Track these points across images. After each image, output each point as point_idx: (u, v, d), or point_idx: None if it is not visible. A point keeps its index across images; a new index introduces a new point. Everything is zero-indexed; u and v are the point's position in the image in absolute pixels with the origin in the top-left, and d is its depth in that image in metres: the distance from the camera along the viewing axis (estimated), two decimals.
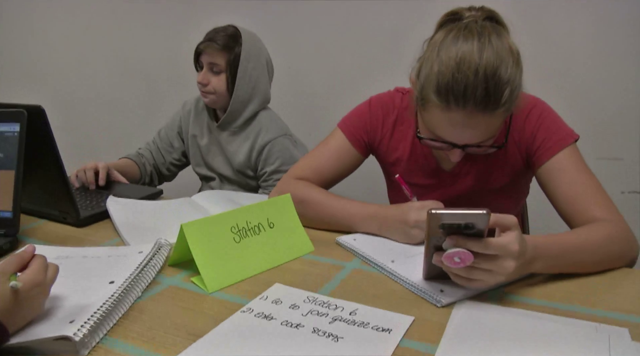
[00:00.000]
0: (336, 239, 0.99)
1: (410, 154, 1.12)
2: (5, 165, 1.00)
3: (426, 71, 0.88)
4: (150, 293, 0.79)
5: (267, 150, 1.48)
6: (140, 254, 0.85)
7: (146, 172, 1.61)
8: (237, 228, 0.87)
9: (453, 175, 1.10)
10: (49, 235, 1.05)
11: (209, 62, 1.46)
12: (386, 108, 1.14)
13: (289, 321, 0.70)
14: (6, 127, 1.00)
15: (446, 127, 0.89)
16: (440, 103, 0.85)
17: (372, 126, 1.15)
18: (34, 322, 0.66)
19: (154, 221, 1.08)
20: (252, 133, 1.51)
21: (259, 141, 1.49)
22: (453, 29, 0.87)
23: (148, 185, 1.64)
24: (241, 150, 1.51)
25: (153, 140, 1.67)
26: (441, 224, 0.70)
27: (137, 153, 1.63)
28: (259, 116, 1.52)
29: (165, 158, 1.66)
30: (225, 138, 1.54)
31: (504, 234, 0.72)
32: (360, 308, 0.73)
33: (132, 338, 0.66)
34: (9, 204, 0.99)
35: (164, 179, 1.70)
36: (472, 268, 0.71)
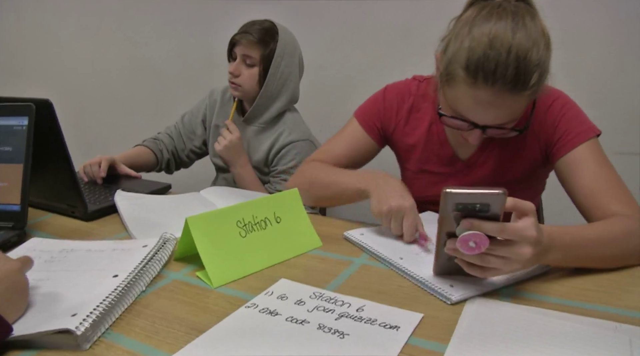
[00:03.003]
0: (344, 234, 0.97)
1: (426, 142, 1.10)
2: (13, 159, 0.99)
3: (455, 46, 0.86)
4: (154, 288, 0.78)
5: (285, 150, 1.47)
6: (145, 248, 0.84)
7: (163, 158, 1.60)
8: (243, 222, 0.86)
9: (468, 164, 1.08)
10: (57, 229, 1.05)
11: (243, 54, 1.45)
12: (401, 95, 1.13)
13: (294, 317, 0.68)
14: (15, 121, 1.00)
15: (470, 104, 0.87)
16: (468, 79, 0.84)
17: (387, 114, 1.14)
18: (36, 315, 0.66)
19: (161, 216, 1.07)
20: (275, 133, 1.49)
21: (280, 141, 1.48)
22: (486, 7, 0.86)
23: (165, 171, 1.63)
24: (262, 147, 1.50)
25: (175, 125, 1.65)
26: (456, 205, 0.68)
27: (153, 139, 1.62)
28: (285, 117, 1.51)
29: (186, 144, 1.64)
30: (248, 133, 1.53)
31: (520, 220, 0.69)
32: (368, 305, 0.71)
33: (135, 333, 0.65)
34: (17, 197, 0.98)
35: (181, 165, 1.69)
36: (487, 255, 0.69)
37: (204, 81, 2.22)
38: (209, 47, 2.27)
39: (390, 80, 1.25)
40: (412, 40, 1.88)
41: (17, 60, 2.85)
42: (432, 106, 1.09)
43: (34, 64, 2.80)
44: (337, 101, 2.07)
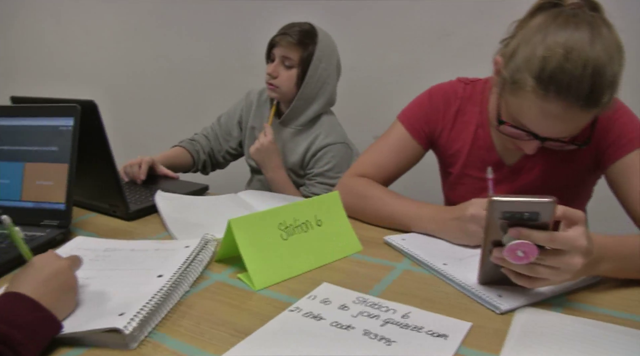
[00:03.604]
0: (384, 239, 0.96)
1: (471, 147, 1.07)
2: (59, 158, 1.01)
3: (526, 53, 0.82)
4: (197, 289, 0.78)
5: (321, 153, 1.47)
6: (187, 249, 0.84)
7: (199, 159, 1.62)
8: (285, 224, 0.85)
9: (515, 170, 1.05)
10: (99, 228, 1.07)
11: (282, 56, 1.45)
12: (447, 98, 1.10)
13: (339, 322, 0.67)
14: (60, 122, 1.02)
15: (536, 116, 0.83)
16: (538, 90, 0.80)
17: (433, 117, 1.11)
18: (84, 313, 0.66)
19: (200, 217, 1.08)
20: (312, 135, 1.49)
21: (316, 144, 1.47)
22: (560, 14, 0.81)
23: (201, 172, 1.64)
24: (297, 150, 1.50)
25: (212, 126, 1.67)
26: (503, 213, 0.66)
27: (190, 140, 1.64)
28: (322, 120, 1.51)
29: (222, 146, 1.65)
30: (284, 135, 1.52)
31: (570, 229, 0.67)
32: (413, 311, 0.70)
33: (180, 334, 0.65)
34: (62, 196, 1.00)
35: (217, 166, 1.70)
36: (535, 265, 0.67)
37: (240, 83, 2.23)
38: (244, 49, 2.29)
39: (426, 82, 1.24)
40: (450, 42, 1.85)
41: (58, 62, 2.92)
42: (479, 109, 1.06)
43: (75, 65, 2.86)
44: (371, 103, 2.06)
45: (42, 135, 1.03)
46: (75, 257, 0.70)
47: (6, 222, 0.67)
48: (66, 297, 0.65)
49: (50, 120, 1.03)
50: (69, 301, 0.66)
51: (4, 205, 1.03)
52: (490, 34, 1.76)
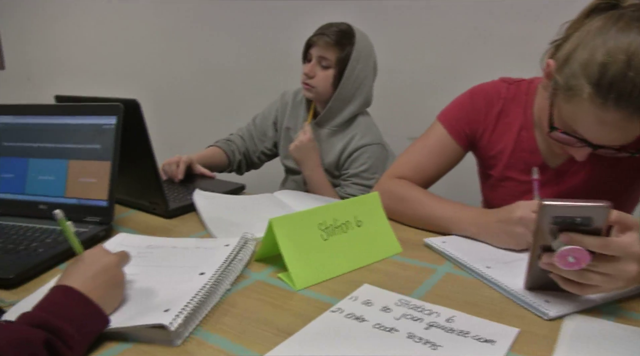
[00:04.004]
0: (424, 241, 0.94)
1: (514, 149, 1.05)
2: (102, 156, 1.03)
3: (583, 58, 0.78)
4: (238, 287, 0.78)
5: (357, 153, 1.46)
6: (227, 248, 0.85)
7: (235, 159, 1.63)
8: (325, 225, 0.85)
9: (559, 173, 1.02)
10: (140, 225, 1.08)
11: (319, 56, 1.45)
12: (489, 99, 1.08)
13: (382, 324, 0.66)
14: (104, 120, 1.04)
15: (592, 124, 0.80)
16: (596, 98, 0.76)
17: (474, 118, 1.09)
18: (130, 309, 0.67)
19: (238, 216, 1.08)
20: (347, 136, 1.48)
21: (352, 144, 1.47)
22: (620, 17, 0.77)
23: (236, 172, 1.66)
24: (333, 150, 1.49)
25: (247, 126, 1.68)
26: (554, 218, 0.64)
27: (226, 140, 1.65)
28: (358, 121, 1.50)
29: (257, 146, 1.66)
30: (320, 136, 1.52)
31: (624, 234, 0.65)
32: (458, 315, 0.68)
33: (224, 331, 0.66)
34: (104, 193, 1.02)
35: (252, 167, 1.70)
36: (587, 271, 0.65)
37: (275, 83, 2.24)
38: (280, 49, 2.30)
39: (462, 83, 1.22)
40: (487, 42, 1.82)
41: (97, 62, 2.99)
42: (523, 110, 1.04)
43: (113, 65, 2.93)
44: (406, 104, 2.04)
45: (86, 133, 1.05)
46: (123, 253, 0.72)
47: (59, 216, 0.68)
48: (114, 292, 0.66)
49: (93, 118, 1.05)
50: (117, 297, 0.67)
51: (49, 201, 1.06)
52: (528, 34, 1.74)
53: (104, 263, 0.66)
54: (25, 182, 1.09)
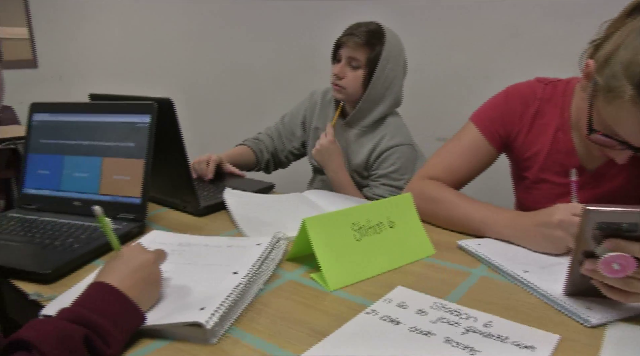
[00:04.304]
0: (458, 243, 0.93)
1: (550, 150, 1.02)
2: (135, 154, 1.04)
3: (625, 59, 0.76)
4: (271, 287, 0.78)
5: (386, 154, 1.44)
6: (259, 247, 0.85)
7: (263, 158, 1.63)
8: (358, 225, 0.84)
9: (597, 176, 0.99)
10: (171, 222, 1.09)
11: (349, 57, 1.43)
12: (525, 99, 1.05)
13: (418, 327, 0.65)
14: (138, 118, 1.05)
15: (634, 126, 0.78)
16: (639, 100, 0.74)
17: (509, 118, 1.07)
18: (166, 306, 0.68)
19: (269, 215, 1.08)
20: (377, 136, 1.47)
21: (381, 145, 1.45)
22: None
23: (264, 171, 1.66)
24: (362, 151, 1.48)
25: (275, 125, 1.68)
26: (598, 224, 0.62)
27: (254, 139, 1.65)
28: (387, 121, 1.49)
29: (285, 145, 1.66)
30: (349, 136, 1.51)
31: None
32: (496, 320, 0.67)
33: (258, 331, 0.65)
34: (138, 191, 1.03)
35: (280, 166, 1.70)
36: (632, 279, 0.63)
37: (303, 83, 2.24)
38: (308, 49, 2.30)
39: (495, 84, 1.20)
40: (519, 41, 1.78)
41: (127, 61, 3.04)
42: (560, 111, 1.01)
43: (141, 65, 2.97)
44: (436, 105, 2.02)
45: (120, 131, 1.06)
46: (160, 251, 0.72)
47: (98, 212, 0.69)
48: (151, 290, 0.67)
49: (128, 116, 1.06)
50: (153, 294, 0.67)
51: (83, 198, 1.07)
52: (562, 33, 1.70)
53: (142, 260, 0.67)
54: (61, 179, 1.11)
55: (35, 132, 1.15)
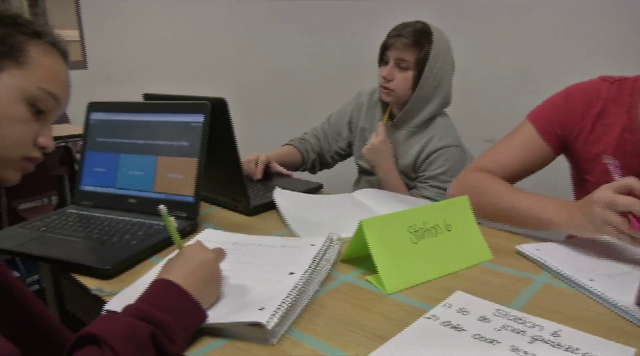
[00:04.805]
0: (516, 248, 0.90)
1: (615, 152, 0.98)
2: (189, 153, 1.06)
3: None
4: (326, 288, 0.77)
5: (435, 155, 1.42)
6: (313, 248, 0.84)
7: (309, 158, 1.63)
8: (414, 228, 0.83)
9: None
10: (222, 221, 1.10)
11: (397, 58, 1.41)
12: (588, 99, 1.02)
13: (481, 335, 0.63)
14: (192, 118, 1.06)
15: None
16: None
17: (569, 118, 1.03)
18: (225, 305, 0.68)
19: (319, 215, 1.08)
20: (425, 137, 1.45)
21: (430, 146, 1.43)
22: None
23: (309, 171, 1.66)
24: (410, 152, 1.46)
25: (321, 125, 1.67)
26: None
27: (300, 139, 1.65)
28: (436, 122, 1.46)
29: (331, 146, 1.65)
30: (397, 137, 1.49)
31: None
32: (564, 330, 0.64)
33: (317, 333, 0.65)
34: (191, 189, 1.04)
35: (325, 166, 1.70)
36: None
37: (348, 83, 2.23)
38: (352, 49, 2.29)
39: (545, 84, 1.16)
40: (572, 40, 1.72)
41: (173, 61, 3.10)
42: (626, 111, 0.97)
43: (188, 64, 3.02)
44: (483, 105, 1.97)
45: (174, 130, 1.08)
46: (220, 250, 0.72)
47: (163, 211, 0.70)
48: (211, 288, 0.67)
49: (182, 116, 1.08)
50: (213, 293, 0.68)
51: (138, 195, 1.09)
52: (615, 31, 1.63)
53: (203, 259, 0.67)
54: (116, 176, 1.13)
55: (93, 130, 1.18)
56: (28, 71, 0.67)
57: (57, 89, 0.70)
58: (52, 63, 0.70)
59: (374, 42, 1.51)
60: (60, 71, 0.72)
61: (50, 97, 0.69)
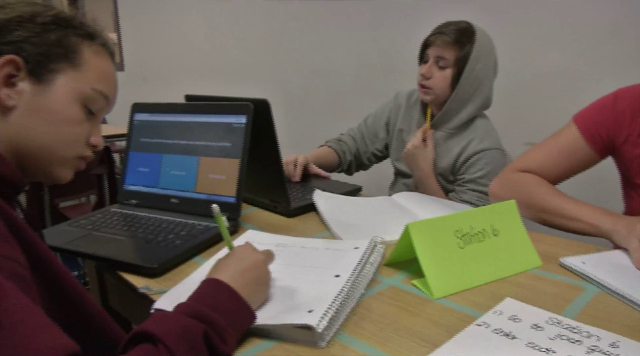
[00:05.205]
0: (560, 261, 0.86)
1: None
2: (231, 154, 1.06)
3: None
4: (372, 292, 0.77)
5: (475, 158, 1.39)
6: (357, 251, 0.83)
7: (345, 160, 1.62)
8: (461, 232, 0.81)
9: None
10: (262, 222, 1.10)
11: (437, 56, 1.40)
12: (638, 103, 0.99)
13: (536, 343, 0.61)
14: (234, 119, 1.07)
15: None
16: None
17: (616, 122, 1.01)
18: (273, 307, 0.68)
19: (360, 218, 1.07)
20: (465, 139, 1.42)
21: (469, 148, 1.40)
22: None
23: (345, 172, 1.65)
24: (449, 154, 1.44)
25: (358, 126, 1.66)
26: None
27: (337, 140, 1.64)
28: (476, 123, 1.44)
29: (368, 147, 1.64)
30: (435, 139, 1.47)
31: None
32: (622, 341, 0.62)
33: (366, 337, 0.64)
34: (233, 190, 1.05)
35: (361, 168, 1.69)
36: None
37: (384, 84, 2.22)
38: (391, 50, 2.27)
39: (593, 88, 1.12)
40: (623, 41, 1.67)
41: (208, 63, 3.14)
42: None
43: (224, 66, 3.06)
44: (525, 108, 1.93)
45: (217, 131, 1.09)
46: (269, 252, 0.72)
47: (215, 211, 0.70)
48: (260, 290, 0.67)
49: (224, 117, 1.08)
50: (262, 294, 0.68)
51: (180, 195, 1.11)
52: None
53: (253, 260, 0.67)
54: (159, 176, 1.15)
55: (136, 131, 1.20)
56: (82, 72, 0.68)
57: (108, 90, 0.71)
58: (103, 64, 0.71)
59: (411, 43, 1.50)
60: (111, 71, 0.73)
61: (102, 98, 0.71)
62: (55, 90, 0.65)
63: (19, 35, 0.63)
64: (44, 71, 0.64)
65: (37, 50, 0.64)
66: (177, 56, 3.45)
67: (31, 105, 0.64)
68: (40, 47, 0.64)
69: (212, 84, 3.02)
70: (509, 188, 1.03)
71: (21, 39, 0.63)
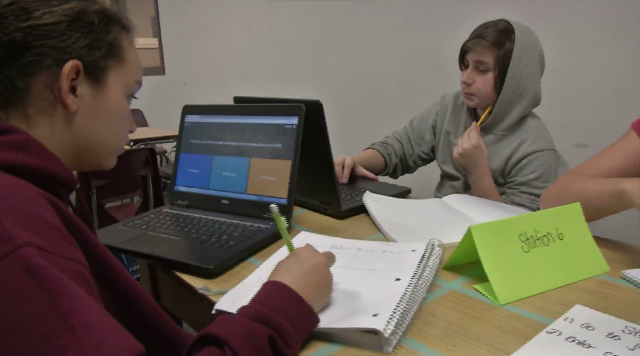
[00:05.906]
0: (622, 273, 0.81)
1: None
2: (282, 155, 1.06)
3: None
4: (433, 296, 0.75)
5: (527, 160, 1.35)
6: (415, 253, 0.81)
7: (391, 162, 1.60)
8: (526, 236, 0.78)
9: None
10: (312, 224, 1.10)
11: (476, 61, 1.36)
12: None
13: (614, 353, 0.58)
14: (286, 120, 1.07)
15: None
16: None
17: None
18: (336, 310, 0.67)
19: (412, 220, 1.05)
20: (516, 141, 1.38)
21: (521, 150, 1.36)
22: None
23: (390, 175, 1.63)
24: (499, 156, 1.40)
25: (404, 129, 1.64)
26: None
27: (383, 143, 1.63)
28: (527, 124, 1.39)
29: (414, 150, 1.62)
30: (484, 141, 1.43)
31: None
32: None
33: (432, 343, 0.62)
34: (284, 191, 1.05)
35: (406, 171, 1.66)
36: None
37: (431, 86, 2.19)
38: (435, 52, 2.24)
39: None
40: None
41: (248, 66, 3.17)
42: None
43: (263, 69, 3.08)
44: (576, 108, 1.86)
45: (268, 132, 1.09)
46: (330, 254, 0.72)
47: (274, 211, 0.70)
48: (322, 292, 0.66)
49: (275, 118, 1.08)
50: (324, 297, 0.67)
51: (231, 197, 1.11)
52: None
53: (315, 262, 0.67)
54: (210, 178, 1.15)
55: (187, 132, 1.21)
56: (126, 66, 0.66)
57: (141, 77, 0.71)
58: (135, 53, 0.69)
59: (455, 44, 1.46)
60: (139, 59, 0.71)
61: (138, 86, 0.70)
62: (109, 88, 0.64)
63: (73, 37, 0.60)
64: (98, 72, 0.63)
65: (92, 52, 0.61)
66: (217, 60, 3.50)
67: (91, 107, 0.62)
68: (94, 48, 0.62)
69: (252, 87, 3.05)
70: (552, 187, 0.99)
71: (74, 41, 0.60)
